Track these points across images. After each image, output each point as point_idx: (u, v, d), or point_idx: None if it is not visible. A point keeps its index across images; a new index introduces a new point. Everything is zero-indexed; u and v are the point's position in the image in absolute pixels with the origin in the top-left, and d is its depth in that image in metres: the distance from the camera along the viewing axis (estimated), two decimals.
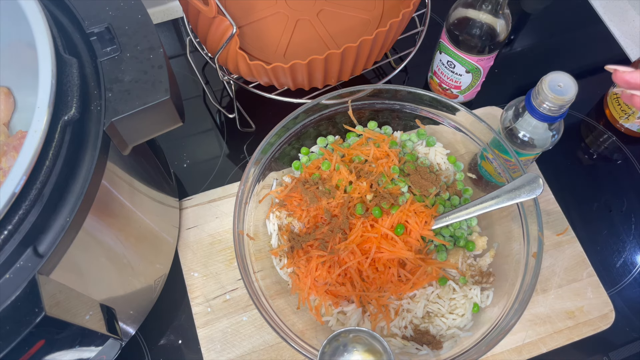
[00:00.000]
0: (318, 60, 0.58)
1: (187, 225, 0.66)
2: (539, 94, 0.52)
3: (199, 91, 0.78)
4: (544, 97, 0.51)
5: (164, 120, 0.46)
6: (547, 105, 0.52)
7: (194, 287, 0.63)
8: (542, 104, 0.52)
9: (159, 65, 0.44)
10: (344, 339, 0.48)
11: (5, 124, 0.49)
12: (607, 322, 0.61)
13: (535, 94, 0.53)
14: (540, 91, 0.52)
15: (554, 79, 0.51)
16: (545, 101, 0.52)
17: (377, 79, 0.79)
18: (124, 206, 0.48)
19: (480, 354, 0.50)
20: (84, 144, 0.41)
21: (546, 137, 0.57)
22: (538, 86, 0.52)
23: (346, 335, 0.48)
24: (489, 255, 0.60)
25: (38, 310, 0.35)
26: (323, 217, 0.59)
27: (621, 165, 0.73)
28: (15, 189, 0.34)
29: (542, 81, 0.51)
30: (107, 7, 0.45)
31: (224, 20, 0.58)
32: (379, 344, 0.47)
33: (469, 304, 0.57)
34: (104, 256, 0.47)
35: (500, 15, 0.60)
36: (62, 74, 0.40)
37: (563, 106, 0.52)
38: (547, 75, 0.52)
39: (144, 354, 0.61)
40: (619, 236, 0.68)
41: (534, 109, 0.53)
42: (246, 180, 0.58)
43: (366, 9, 0.73)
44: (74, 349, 0.41)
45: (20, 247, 0.36)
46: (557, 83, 0.51)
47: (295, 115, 0.60)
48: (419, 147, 0.65)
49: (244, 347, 0.60)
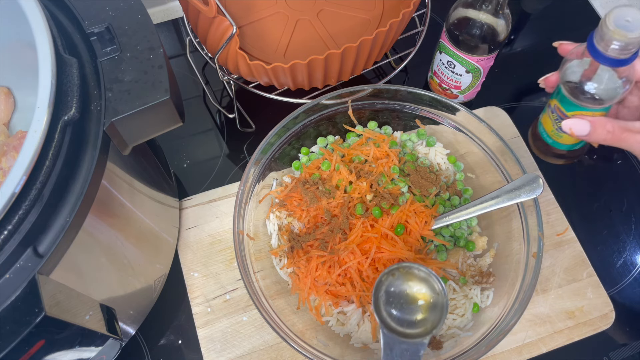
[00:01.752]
0: (318, 60, 0.58)
1: (187, 225, 0.66)
2: (603, 33, 0.44)
3: (199, 91, 0.78)
4: (608, 36, 0.44)
5: (164, 120, 0.46)
6: (614, 45, 0.44)
7: (194, 287, 0.63)
8: (607, 44, 0.44)
9: (159, 65, 0.44)
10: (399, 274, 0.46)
11: (5, 124, 0.49)
12: (607, 322, 0.61)
13: (599, 33, 0.45)
14: (604, 29, 0.44)
15: (620, 13, 0.43)
16: (612, 40, 0.44)
17: (377, 79, 0.79)
18: (124, 206, 0.48)
19: (480, 354, 0.50)
20: (84, 144, 0.41)
21: (615, 87, 0.48)
22: (601, 23, 0.44)
23: (403, 270, 0.46)
24: (489, 255, 0.60)
25: (38, 310, 0.35)
26: (323, 217, 0.59)
27: (621, 165, 0.73)
28: (15, 189, 0.34)
29: (606, 17, 0.44)
30: (107, 7, 0.45)
31: (224, 20, 0.58)
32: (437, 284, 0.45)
33: (469, 304, 0.57)
34: (104, 256, 0.47)
35: (501, 15, 0.60)
36: (62, 74, 0.40)
37: (632, 45, 0.44)
38: (612, 10, 0.44)
39: (143, 354, 0.61)
40: (619, 236, 0.68)
41: (597, 51, 0.45)
42: (246, 180, 0.58)
43: (366, 9, 0.73)
44: (74, 349, 0.41)
45: (20, 247, 0.36)
46: (625, 18, 0.43)
47: (295, 115, 0.60)
48: (419, 147, 0.65)
49: (244, 347, 0.60)
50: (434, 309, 0.45)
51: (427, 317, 0.45)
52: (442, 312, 0.44)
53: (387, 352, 0.42)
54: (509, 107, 0.75)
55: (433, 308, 0.45)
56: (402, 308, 0.45)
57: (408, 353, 0.42)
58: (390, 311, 0.44)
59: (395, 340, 0.42)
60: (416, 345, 0.42)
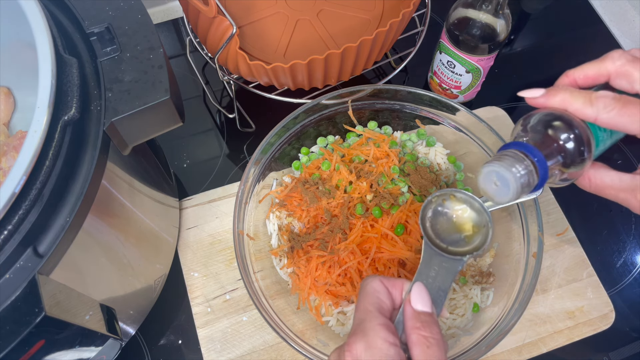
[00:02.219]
0: (318, 60, 0.58)
1: (187, 225, 0.66)
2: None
3: (199, 91, 0.78)
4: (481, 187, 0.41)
5: (164, 120, 0.46)
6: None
7: (194, 287, 0.63)
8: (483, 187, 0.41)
9: (159, 65, 0.44)
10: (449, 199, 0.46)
11: (5, 124, 0.49)
12: (607, 322, 0.61)
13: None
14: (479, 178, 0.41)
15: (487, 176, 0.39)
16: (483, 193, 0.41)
17: (377, 79, 0.79)
18: (124, 206, 0.48)
19: (480, 354, 0.50)
20: (84, 144, 0.41)
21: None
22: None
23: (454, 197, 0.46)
24: (489, 255, 0.60)
25: (38, 310, 0.35)
26: (323, 217, 0.59)
27: (621, 165, 0.73)
28: (15, 189, 0.34)
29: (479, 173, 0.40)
30: (107, 7, 0.45)
31: (224, 20, 0.58)
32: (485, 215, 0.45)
33: (469, 304, 0.57)
34: (104, 256, 0.47)
35: (500, 15, 0.60)
36: (62, 74, 0.40)
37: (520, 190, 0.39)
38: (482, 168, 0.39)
39: (143, 354, 0.61)
40: (619, 236, 0.68)
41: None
42: (246, 180, 0.58)
43: (366, 9, 0.73)
44: (74, 349, 0.41)
45: (20, 247, 0.36)
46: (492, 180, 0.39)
47: (295, 115, 0.60)
48: (419, 147, 0.65)
49: (244, 347, 0.60)
50: (477, 235, 0.45)
51: (470, 241, 0.45)
52: (485, 238, 0.44)
53: (425, 263, 0.43)
54: (509, 107, 0.75)
55: (477, 235, 0.45)
56: (447, 229, 0.45)
57: (445, 267, 0.43)
58: (436, 228, 0.45)
59: (435, 253, 0.43)
60: (455, 261, 0.43)
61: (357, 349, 0.37)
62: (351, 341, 0.38)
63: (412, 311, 0.39)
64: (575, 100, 0.40)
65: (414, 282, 0.41)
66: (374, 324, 0.38)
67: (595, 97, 0.39)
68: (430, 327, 0.38)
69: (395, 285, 0.42)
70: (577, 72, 0.43)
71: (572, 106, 0.40)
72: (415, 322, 0.39)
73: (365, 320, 0.39)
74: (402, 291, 0.42)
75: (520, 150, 0.39)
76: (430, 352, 0.37)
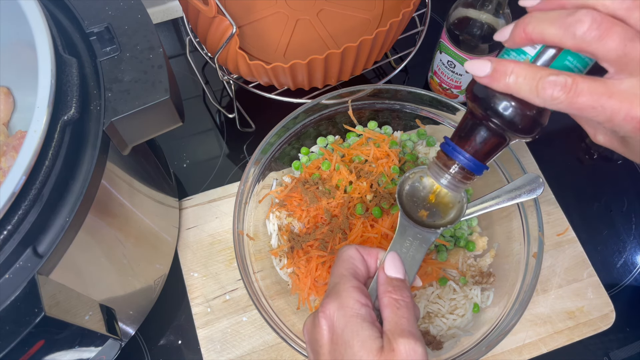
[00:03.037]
0: (318, 60, 0.58)
1: (187, 225, 0.66)
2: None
3: (198, 91, 0.78)
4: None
5: (163, 120, 0.46)
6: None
7: (194, 287, 0.63)
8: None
9: (159, 65, 0.44)
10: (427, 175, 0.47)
11: (4, 124, 0.48)
12: (607, 323, 0.61)
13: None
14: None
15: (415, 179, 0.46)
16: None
17: (377, 79, 0.79)
18: (123, 206, 0.48)
19: (480, 355, 0.50)
20: (83, 144, 0.40)
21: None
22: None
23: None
24: (489, 255, 0.60)
25: (37, 310, 0.35)
26: (323, 217, 0.59)
27: (621, 165, 0.73)
28: (15, 189, 0.34)
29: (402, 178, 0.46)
30: (106, 7, 0.45)
31: (224, 20, 0.58)
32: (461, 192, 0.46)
33: (469, 304, 0.57)
34: (104, 256, 0.47)
35: (501, 15, 0.60)
36: (62, 73, 0.40)
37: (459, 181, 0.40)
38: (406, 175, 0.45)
39: (143, 354, 0.61)
40: (620, 236, 0.68)
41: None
42: (246, 180, 0.58)
43: (366, 9, 0.73)
44: (74, 349, 0.41)
45: (20, 247, 0.36)
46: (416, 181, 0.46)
47: (295, 115, 0.60)
48: (419, 147, 0.65)
49: (243, 348, 0.60)
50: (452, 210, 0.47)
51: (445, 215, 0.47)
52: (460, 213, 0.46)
53: (400, 234, 0.45)
54: None
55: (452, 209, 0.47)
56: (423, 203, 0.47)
57: (419, 238, 0.44)
58: (412, 202, 0.47)
59: (409, 225, 0.45)
60: (429, 233, 0.45)
61: (330, 309, 0.39)
62: (325, 302, 0.39)
63: (385, 277, 0.41)
64: (520, 89, 0.34)
65: (388, 252, 0.43)
66: (347, 286, 0.40)
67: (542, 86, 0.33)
68: (401, 291, 0.40)
69: (371, 253, 0.43)
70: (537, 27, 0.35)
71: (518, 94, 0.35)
72: (387, 287, 0.40)
73: (339, 283, 0.40)
74: (377, 260, 0.43)
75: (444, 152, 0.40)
76: (400, 312, 0.38)
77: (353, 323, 0.37)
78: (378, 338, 0.37)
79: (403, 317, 0.38)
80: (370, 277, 0.43)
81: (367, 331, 0.37)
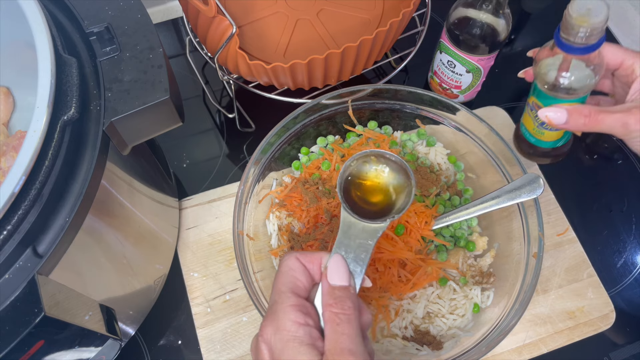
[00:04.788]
0: (318, 60, 0.58)
1: (186, 225, 0.66)
2: (567, 23, 0.45)
3: (198, 91, 0.78)
4: (572, 25, 0.44)
5: (163, 120, 0.46)
6: (579, 33, 0.44)
7: (194, 288, 0.63)
8: (572, 33, 0.45)
9: (159, 65, 0.44)
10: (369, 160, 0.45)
11: (4, 124, 0.48)
12: (607, 323, 0.61)
13: (564, 24, 0.45)
14: (567, 19, 0.45)
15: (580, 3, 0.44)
16: (576, 28, 0.44)
17: (377, 78, 0.79)
18: (123, 206, 0.48)
19: (480, 355, 0.50)
20: (83, 144, 0.40)
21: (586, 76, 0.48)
22: (565, 14, 0.45)
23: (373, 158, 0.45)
24: (490, 255, 0.60)
25: (37, 310, 0.35)
26: (323, 217, 0.59)
27: (621, 165, 0.73)
28: (15, 189, 0.34)
29: (568, 7, 0.44)
30: (106, 7, 0.45)
31: (224, 20, 0.58)
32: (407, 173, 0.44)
33: (469, 305, 0.57)
34: (104, 256, 0.47)
35: (501, 15, 0.60)
36: (62, 73, 0.40)
37: (596, 31, 0.44)
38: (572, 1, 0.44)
39: (143, 355, 0.61)
40: (620, 236, 0.68)
41: (563, 43, 0.46)
42: (246, 180, 0.58)
43: (366, 9, 0.73)
44: (74, 350, 0.41)
45: (20, 247, 0.36)
46: (586, 6, 0.44)
47: (295, 115, 0.60)
48: (419, 147, 0.65)
49: (243, 348, 0.60)
50: (400, 195, 0.44)
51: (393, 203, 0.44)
52: (409, 198, 0.43)
53: (344, 232, 0.41)
54: (509, 107, 0.75)
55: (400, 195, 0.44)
56: (368, 193, 0.44)
57: (367, 232, 0.41)
58: (356, 194, 0.44)
59: (354, 221, 0.42)
60: (375, 227, 0.41)
61: (268, 333, 0.37)
62: (263, 324, 0.38)
63: (327, 286, 0.39)
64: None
65: (331, 255, 0.40)
66: (285, 305, 0.38)
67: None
68: (342, 302, 0.38)
69: (313, 260, 0.41)
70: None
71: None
72: (328, 299, 0.38)
73: (277, 302, 0.38)
74: (321, 265, 0.41)
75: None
76: (340, 329, 0.37)
77: (290, 348, 0.36)
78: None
79: (343, 334, 0.36)
80: (316, 284, 0.41)
81: (305, 356, 0.35)
